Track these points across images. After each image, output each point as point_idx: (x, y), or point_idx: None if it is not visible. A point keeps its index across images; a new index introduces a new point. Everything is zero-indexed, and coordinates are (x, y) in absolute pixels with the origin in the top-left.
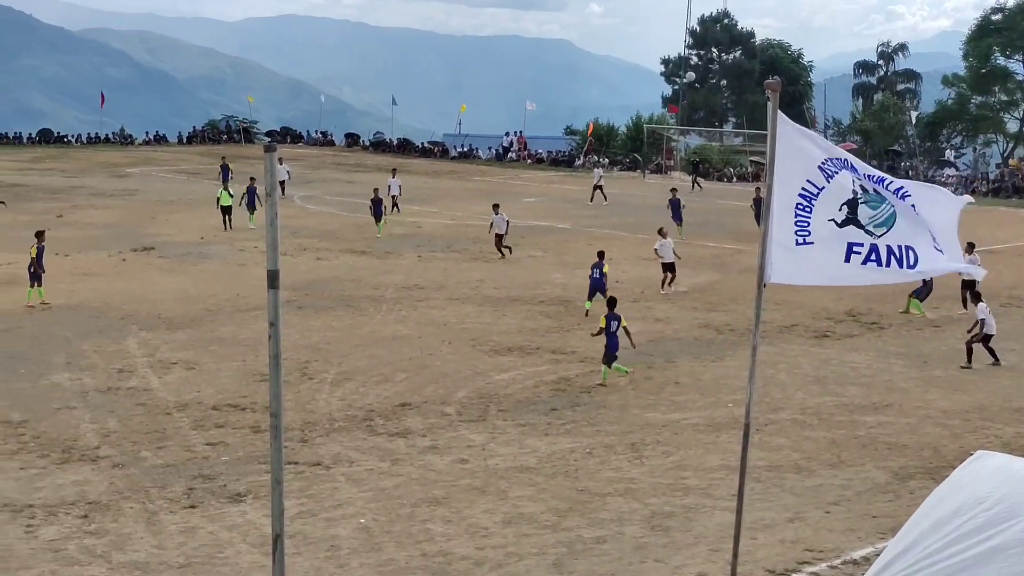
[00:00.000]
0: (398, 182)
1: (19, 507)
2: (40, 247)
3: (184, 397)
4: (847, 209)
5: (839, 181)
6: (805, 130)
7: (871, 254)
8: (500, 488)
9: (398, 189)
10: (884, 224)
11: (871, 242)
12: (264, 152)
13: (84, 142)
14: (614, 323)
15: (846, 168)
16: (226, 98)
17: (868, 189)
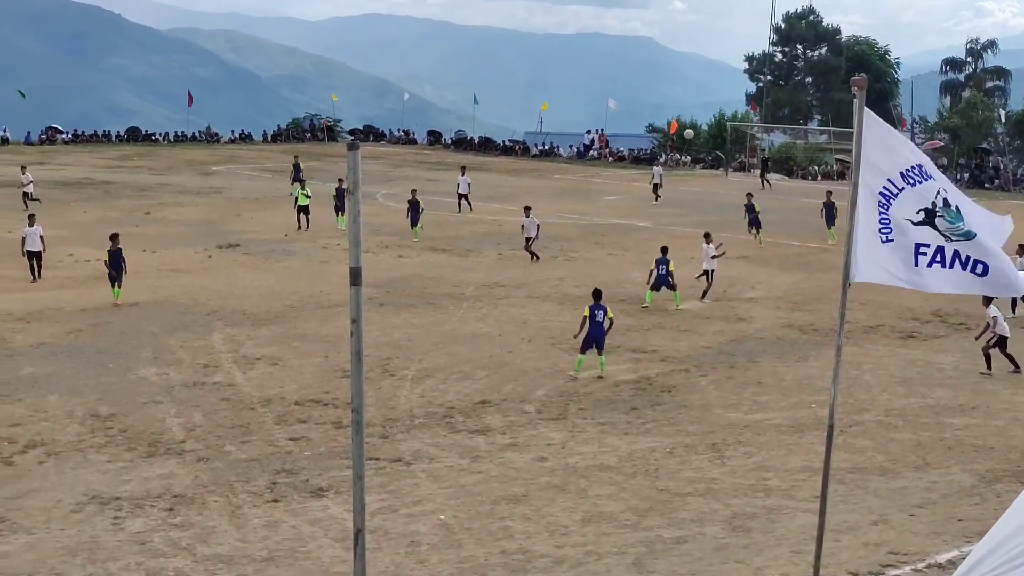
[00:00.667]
0: (467, 180)
1: (106, 499)
2: (114, 249)
3: (268, 392)
4: (924, 215)
5: (920, 190)
6: (893, 131)
7: (936, 255)
8: (580, 486)
9: (467, 187)
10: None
11: (938, 243)
12: (347, 150)
13: (171, 140)
14: (599, 312)
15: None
16: (309, 97)
17: (950, 204)
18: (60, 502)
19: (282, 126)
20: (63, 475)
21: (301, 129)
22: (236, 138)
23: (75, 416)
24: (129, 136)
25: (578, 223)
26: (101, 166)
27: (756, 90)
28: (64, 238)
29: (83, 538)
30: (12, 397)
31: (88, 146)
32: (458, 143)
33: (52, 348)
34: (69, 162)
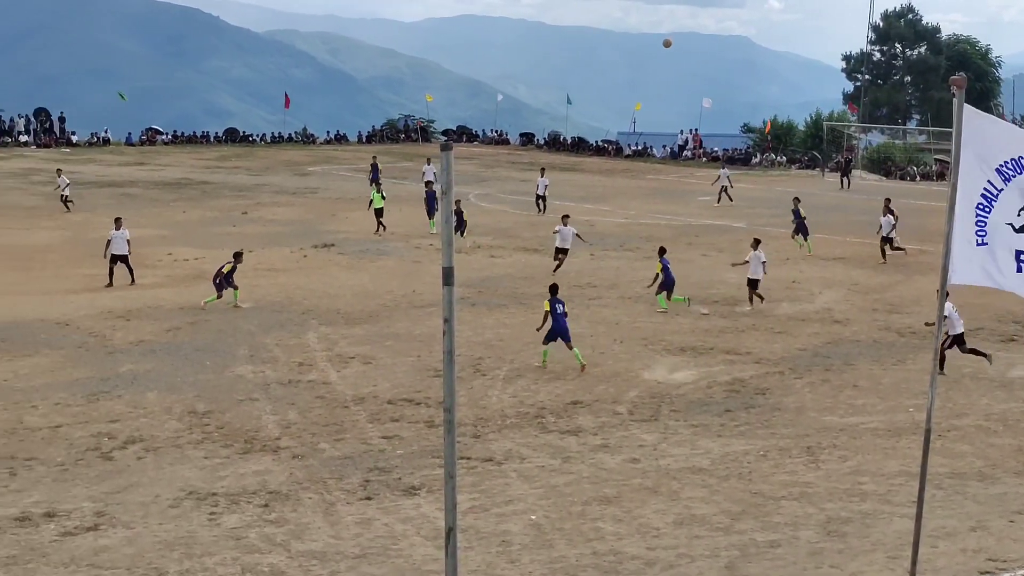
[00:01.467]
0: (546, 181)
1: (203, 495)
2: (234, 266)
3: (361, 391)
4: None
5: (1018, 183)
6: (997, 120)
7: None
8: (672, 489)
9: (544, 188)
10: None
11: None
12: (440, 151)
13: (268, 141)
14: (559, 306)
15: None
16: (404, 97)
17: None
18: (158, 497)
19: (377, 127)
20: (161, 471)
21: (395, 130)
22: (332, 139)
23: (173, 412)
24: (227, 137)
25: (671, 223)
26: (200, 167)
27: (854, 89)
28: (163, 237)
29: (180, 533)
30: (112, 394)
31: (187, 147)
32: (551, 143)
33: (151, 346)
34: (168, 163)
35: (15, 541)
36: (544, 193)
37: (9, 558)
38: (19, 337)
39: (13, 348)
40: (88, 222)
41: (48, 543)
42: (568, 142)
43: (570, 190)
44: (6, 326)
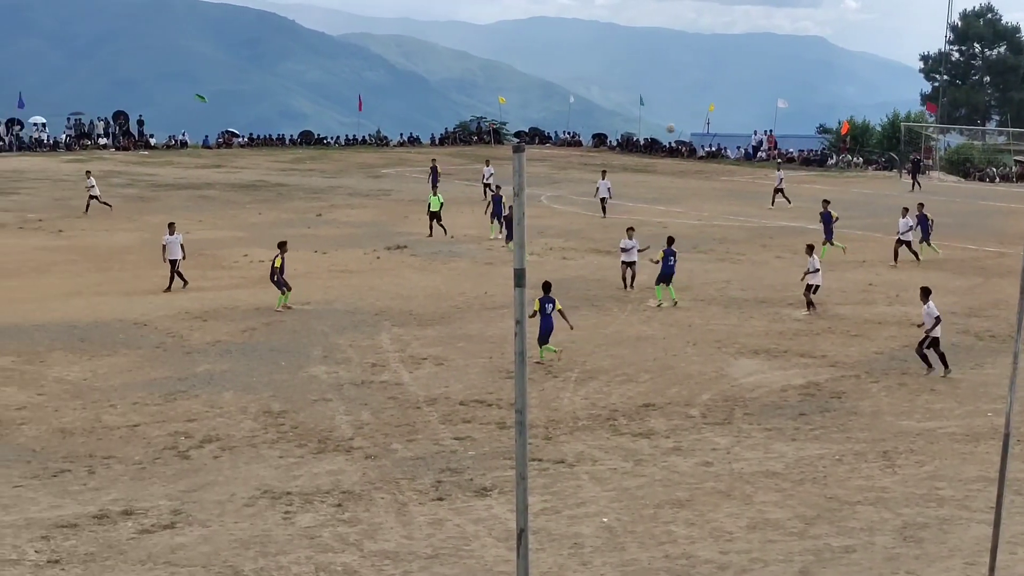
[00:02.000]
0: (607, 184)
1: (278, 494)
2: (282, 258)
3: (433, 392)
4: None
5: None
6: None
7: None
8: (745, 492)
9: (607, 191)
10: None
11: None
12: (513, 152)
13: (342, 143)
14: (548, 305)
15: None
16: (477, 100)
17: None
18: (234, 496)
19: (449, 129)
20: (237, 469)
21: (468, 132)
22: (404, 141)
23: (249, 412)
24: (302, 139)
25: (744, 225)
26: (275, 169)
27: (932, 90)
28: (239, 239)
29: (255, 531)
30: (189, 393)
31: (263, 149)
32: (623, 145)
33: (227, 346)
34: (244, 165)
35: (94, 538)
36: (607, 195)
37: (88, 555)
38: (98, 337)
39: (92, 348)
40: (165, 224)
41: (126, 541)
42: (641, 143)
43: (643, 192)
44: (86, 326)
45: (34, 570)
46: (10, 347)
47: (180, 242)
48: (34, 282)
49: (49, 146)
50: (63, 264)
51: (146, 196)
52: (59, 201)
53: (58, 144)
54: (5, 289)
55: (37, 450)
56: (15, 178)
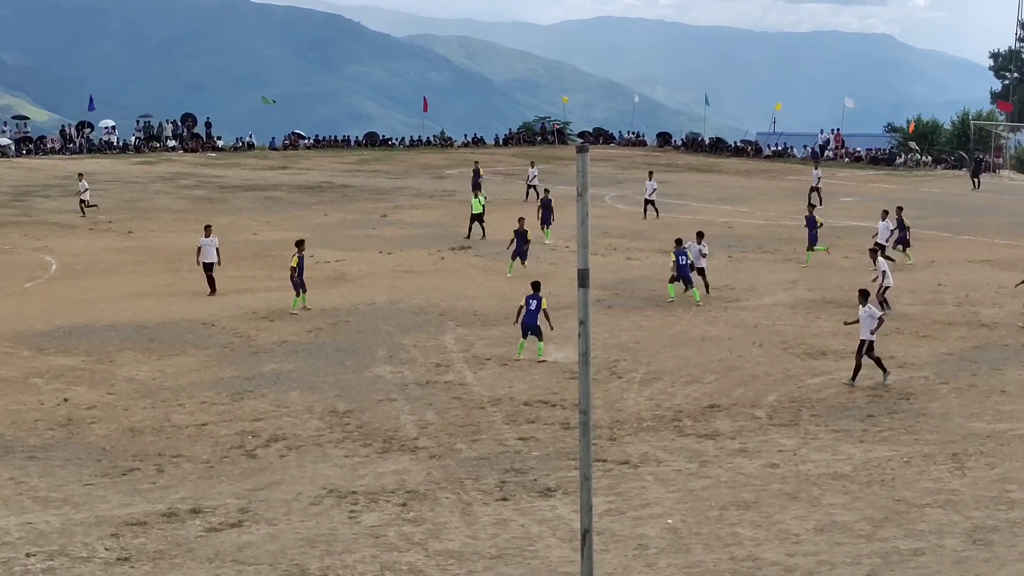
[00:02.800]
0: (654, 184)
1: (343, 493)
2: (301, 256)
3: (497, 392)
4: None
5: None
6: None
7: None
8: (812, 494)
9: (653, 192)
10: None
11: None
12: (576, 153)
13: (407, 145)
14: (533, 302)
15: None
16: (540, 100)
17: None
18: (300, 495)
19: (513, 129)
20: (303, 468)
21: (532, 132)
22: (469, 142)
23: (315, 412)
24: (367, 141)
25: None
26: (340, 170)
27: (1002, 88)
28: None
29: (321, 530)
30: (256, 393)
31: (328, 151)
32: (688, 144)
33: (293, 346)
34: (310, 166)
35: (162, 536)
36: (652, 197)
37: (157, 553)
38: (167, 337)
39: (161, 348)
40: (233, 225)
41: (194, 538)
42: (706, 143)
43: (708, 192)
44: (155, 326)
45: (104, 567)
46: (81, 347)
47: (216, 245)
48: (104, 283)
49: (119, 148)
50: (132, 265)
51: (213, 198)
52: (128, 203)
53: (127, 146)
54: (76, 289)
55: (107, 449)
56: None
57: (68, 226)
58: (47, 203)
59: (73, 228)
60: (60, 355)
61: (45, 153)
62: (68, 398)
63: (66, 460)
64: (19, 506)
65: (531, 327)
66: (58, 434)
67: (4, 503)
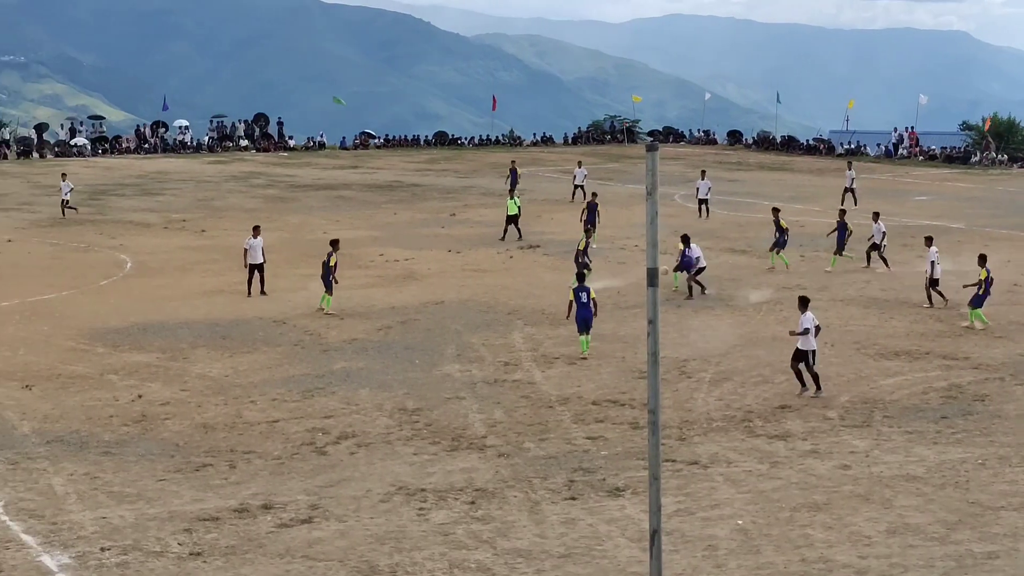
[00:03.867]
0: (708, 184)
1: (412, 491)
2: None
3: (565, 391)
4: None
5: None
6: None
7: None
8: (885, 496)
9: (707, 192)
10: None
11: None
12: (646, 151)
13: (476, 144)
14: (583, 294)
15: None
16: (610, 99)
17: None
18: (369, 492)
19: (583, 128)
20: (372, 466)
21: (601, 131)
22: (538, 141)
23: (384, 409)
24: (436, 140)
25: (885, 224)
26: (410, 169)
27: None
28: (375, 239)
29: (390, 527)
30: (326, 390)
31: (398, 150)
32: (759, 143)
33: (363, 344)
34: (380, 166)
35: (234, 531)
36: (707, 196)
37: (228, 548)
38: (239, 335)
39: (234, 345)
40: (304, 224)
41: (265, 534)
42: (778, 141)
43: (779, 190)
44: (228, 324)
45: (177, 562)
46: (155, 344)
47: (262, 246)
48: (178, 281)
49: (192, 148)
50: (205, 263)
51: (285, 197)
52: (202, 202)
53: (201, 146)
54: (151, 287)
55: (180, 445)
56: (160, 179)
57: (143, 224)
58: (122, 202)
59: (148, 227)
60: (135, 352)
61: (120, 152)
62: (142, 394)
63: (140, 456)
64: (94, 501)
65: (588, 320)
66: (132, 430)
67: (79, 498)
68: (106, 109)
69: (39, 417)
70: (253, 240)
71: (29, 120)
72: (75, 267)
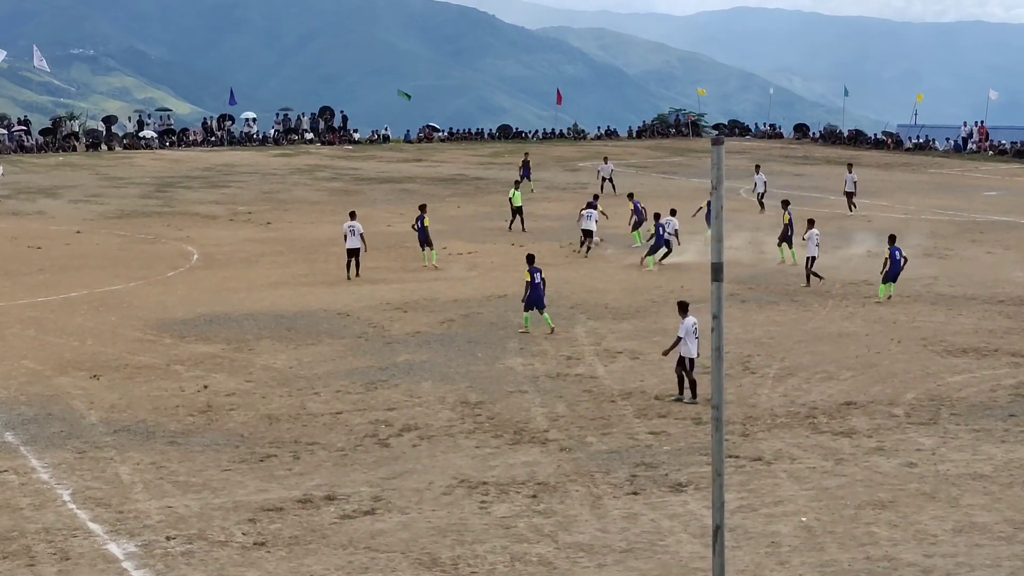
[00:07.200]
0: (763, 178)
1: (474, 483)
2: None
3: (628, 386)
4: None
5: None
6: None
7: None
8: (951, 495)
9: (763, 186)
10: None
11: None
12: (711, 145)
13: (540, 137)
14: (537, 275)
15: None
16: (675, 92)
17: None
18: (431, 484)
19: (647, 122)
20: (434, 458)
21: (666, 124)
22: (602, 134)
23: (446, 402)
24: (500, 134)
25: (954, 219)
26: (474, 163)
27: None
28: (439, 232)
29: (452, 520)
30: (389, 383)
31: (462, 143)
32: (826, 137)
33: (426, 337)
34: (444, 159)
35: (298, 522)
36: (763, 190)
37: (292, 538)
38: (304, 326)
39: (298, 337)
40: (369, 217)
41: (328, 525)
42: (844, 135)
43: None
44: (292, 316)
45: (241, 552)
46: (221, 335)
47: (360, 231)
48: (243, 272)
49: (258, 141)
50: (271, 255)
51: (350, 190)
52: (267, 194)
53: (267, 139)
54: (217, 279)
55: (245, 435)
56: (226, 172)
57: (209, 217)
58: (189, 194)
59: (214, 219)
60: (200, 343)
61: (187, 145)
62: (208, 385)
63: (205, 446)
64: (160, 490)
65: (538, 300)
66: (198, 420)
67: (145, 487)
68: (173, 102)
69: (106, 407)
70: (348, 223)
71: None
72: (142, 258)
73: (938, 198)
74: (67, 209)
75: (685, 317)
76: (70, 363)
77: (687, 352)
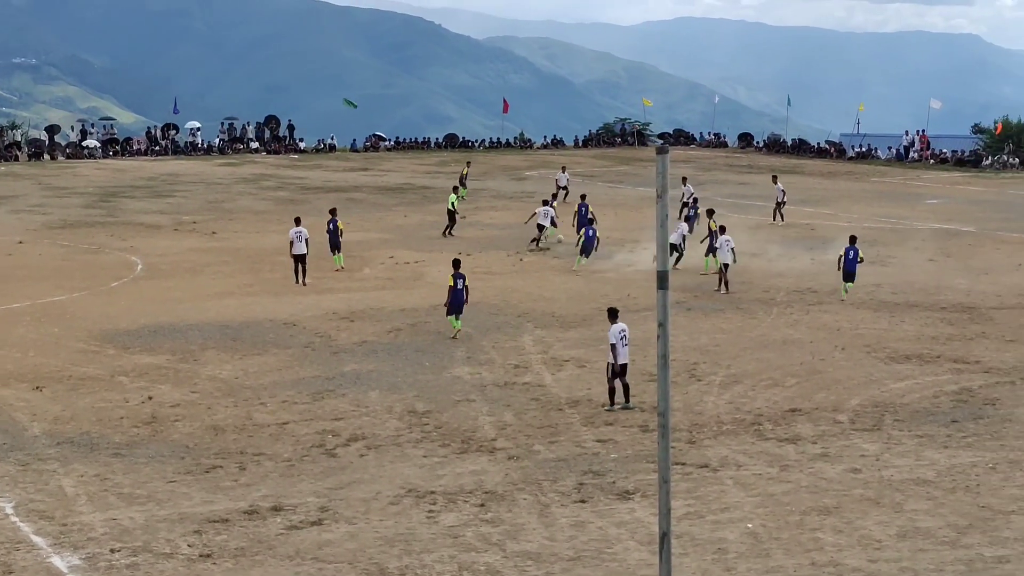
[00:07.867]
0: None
1: (422, 493)
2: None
3: (575, 394)
4: None
5: None
6: None
7: None
8: (895, 500)
9: (782, 196)
10: None
11: None
12: (656, 154)
13: (486, 146)
14: (460, 281)
15: None
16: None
17: None
18: (379, 494)
19: (593, 131)
20: (382, 468)
21: (612, 134)
22: (548, 143)
23: (394, 412)
24: (447, 143)
25: (895, 227)
26: (421, 172)
27: None
28: (385, 241)
29: (400, 529)
30: (336, 392)
31: (409, 153)
32: (770, 146)
33: (373, 346)
34: (391, 168)
35: (244, 533)
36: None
37: (238, 550)
38: (249, 336)
39: (244, 347)
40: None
41: (274, 536)
42: (788, 144)
43: (790, 193)
44: (238, 326)
45: (187, 564)
46: (166, 346)
47: (306, 236)
48: (188, 282)
49: (203, 150)
50: (216, 265)
51: (296, 199)
52: (212, 204)
53: (212, 148)
54: (161, 289)
55: (191, 446)
56: (171, 181)
57: (154, 226)
58: (133, 204)
59: (159, 229)
60: (145, 354)
61: (131, 154)
62: (152, 396)
63: (150, 457)
64: (104, 502)
65: (460, 306)
66: (142, 432)
67: (90, 499)
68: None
69: (49, 419)
70: (294, 230)
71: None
72: (86, 269)
73: (881, 206)
74: (9, 219)
75: (614, 323)
76: (12, 375)
77: (611, 358)
